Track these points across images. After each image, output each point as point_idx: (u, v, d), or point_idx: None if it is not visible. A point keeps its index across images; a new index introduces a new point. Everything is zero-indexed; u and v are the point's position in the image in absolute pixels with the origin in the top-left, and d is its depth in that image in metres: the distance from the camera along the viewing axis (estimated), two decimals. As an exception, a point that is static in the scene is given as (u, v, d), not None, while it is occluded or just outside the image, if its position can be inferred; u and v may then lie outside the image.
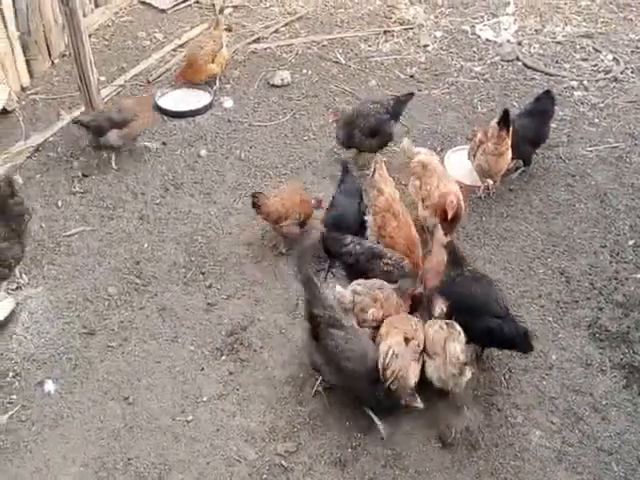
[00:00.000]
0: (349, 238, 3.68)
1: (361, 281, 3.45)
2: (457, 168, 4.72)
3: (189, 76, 5.43)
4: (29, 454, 3.08)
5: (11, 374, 3.41)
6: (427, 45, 6.27)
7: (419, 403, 3.09)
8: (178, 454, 3.08)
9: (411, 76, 5.86)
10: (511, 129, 4.16)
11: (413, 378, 3.06)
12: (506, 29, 6.48)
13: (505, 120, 4.11)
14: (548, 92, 4.68)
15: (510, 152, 4.29)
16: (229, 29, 5.97)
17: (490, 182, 4.51)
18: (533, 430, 3.20)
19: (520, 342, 3.21)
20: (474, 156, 4.39)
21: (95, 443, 3.12)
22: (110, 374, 3.43)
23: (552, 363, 3.51)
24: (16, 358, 3.48)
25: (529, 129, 4.50)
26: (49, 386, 3.33)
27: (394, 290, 3.44)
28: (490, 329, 3.20)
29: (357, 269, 3.59)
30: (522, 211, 4.47)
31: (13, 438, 3.13)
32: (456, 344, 3.03)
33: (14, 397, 3.31)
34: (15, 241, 3.62)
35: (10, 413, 3.23)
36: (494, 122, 4.24)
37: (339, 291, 3.39)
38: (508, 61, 6.02)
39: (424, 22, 6.60)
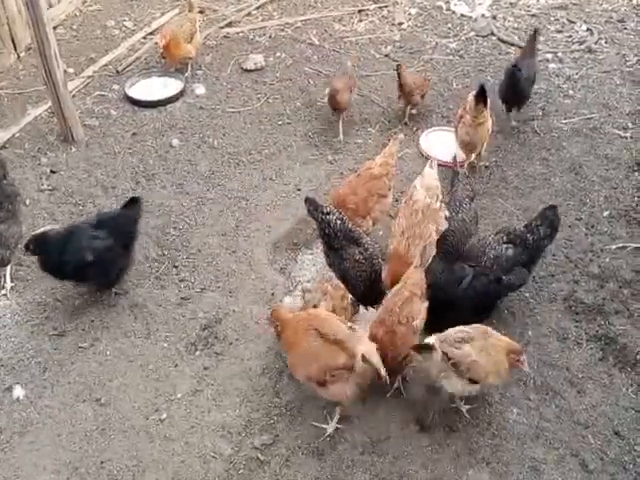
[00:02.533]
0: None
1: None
2: (433, 147, 4.71)
3: (169, 52, 5.23)
4: (-2, 462, 3.01)
5: (-21, 381, 3.33)
6: (402, 23, 6.13)
7: None
8: (152, 454, 3.02)
9: (386, 55, 5.73)
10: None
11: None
12: (480, 3, 6.38)
13: (482, 93, 4.11)
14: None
15: (490, 123, 4.30)
16: (202, 11, 5.85)
17: (465, 158, 4.43)
18: (510, 408, 3.17)
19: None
20: (456, 131, 4.36)
21: (66, 448, 3.04)
22: (81, 376, 3.34)
23: (529, 339, 3.48)
24: (-17, 364, 3.40)
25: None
26: (18, 392, 3.23)
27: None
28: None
29: (332, 244, 3.42)
30: (498, 187, 4.42)
31: (-19, 448, 3.06)
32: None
33: (-18, 404, 3.23)
34: (12, 221, 3.70)
35: (-22, 421, 3.15)
36: (471, 96, 4.23)
37: (288, 302, 3.29)
38: (483, 36, 5.93)
39: None
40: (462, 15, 6.21)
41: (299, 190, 4.45)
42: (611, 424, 3.12)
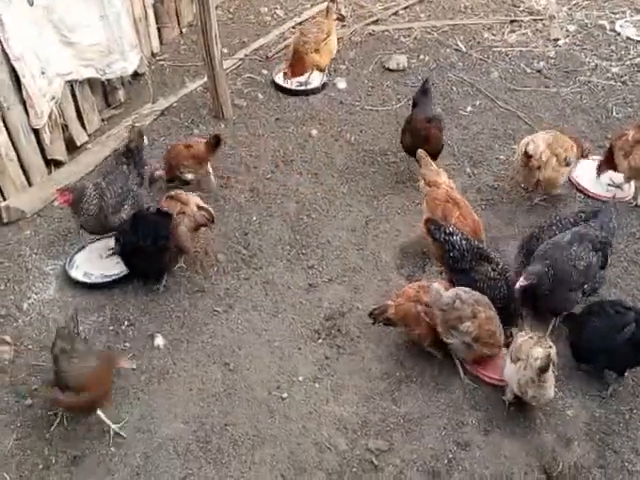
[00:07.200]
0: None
1: (467, 289, 3.24)
2: (585, 176, 4.43)
3: (293, 66, 5.17)
4: (137, 401, 3.28)
5: (126, 323, 3.64)
6: (558, 39, 5.82)
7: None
8: (271, 429, 3.15)
9: (538, 71, 5.47)
10: None
11: None
12: (653, 27, 5.89)
13: None
14: None
15: None
16: (341, 19, 5.57)
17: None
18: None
19: None
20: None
21: (196, 403, 3.26)
22: (213, 338, 3.55)
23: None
24: (131, 309, 3.71)
25: None
26: (159, 340, 3.52)
27: None
28: None
29: (459, 267, 3.39)
30: (655, 232, 4.08)
31: (123, 383, 3.35)
32: (540, 349, 2.92)
33: (127, 345, 3.54)
34: (144, 187, 4.06)
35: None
36: None
37: (437, 288, 3.18)
38: (653, 64, 5.48)
39: (556, 14, 6.12)
40: (628, 38, 5.77)
41: (432, 199, 4.40)
42: None
